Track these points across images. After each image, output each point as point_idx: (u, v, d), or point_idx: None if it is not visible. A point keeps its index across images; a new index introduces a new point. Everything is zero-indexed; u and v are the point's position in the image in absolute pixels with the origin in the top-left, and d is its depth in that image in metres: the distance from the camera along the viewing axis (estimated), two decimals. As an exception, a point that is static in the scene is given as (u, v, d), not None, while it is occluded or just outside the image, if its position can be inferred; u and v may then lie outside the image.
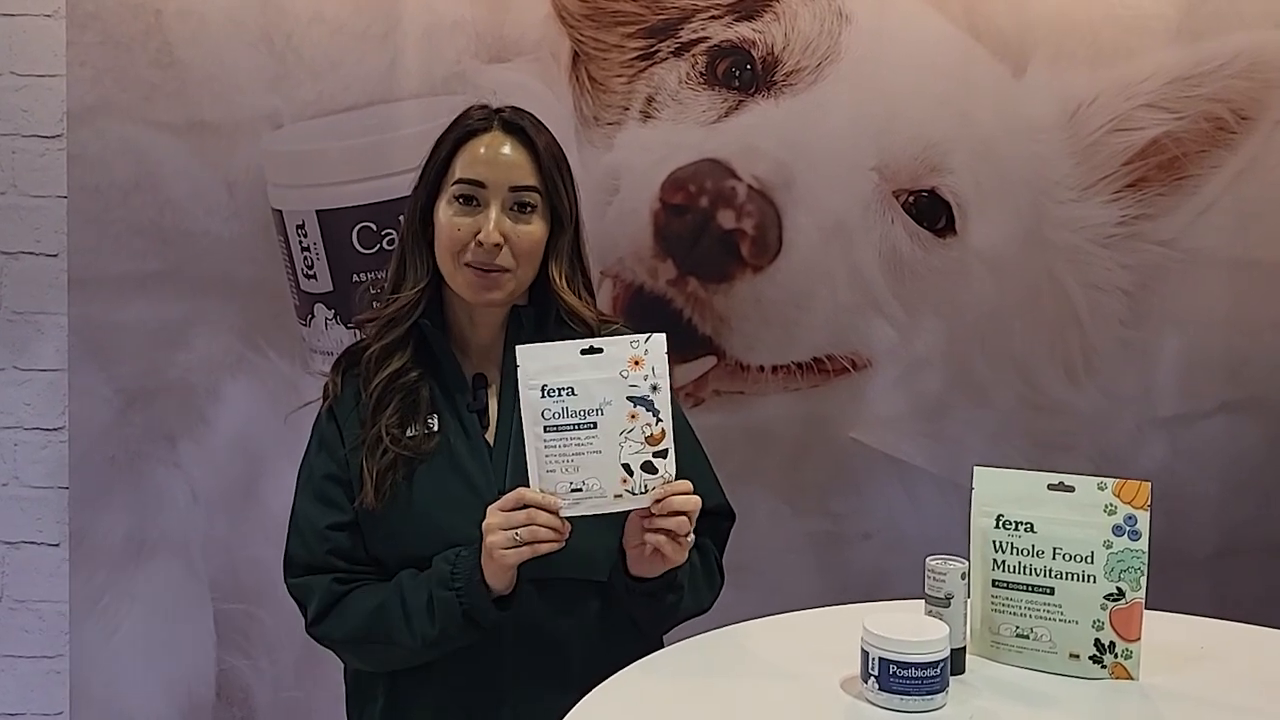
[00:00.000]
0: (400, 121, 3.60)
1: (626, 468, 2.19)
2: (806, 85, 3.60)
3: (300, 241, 3.64)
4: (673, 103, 3.61)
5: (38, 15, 3.72)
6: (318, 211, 3.62)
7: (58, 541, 3.85)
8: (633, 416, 2.19)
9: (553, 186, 2.43)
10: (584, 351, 2.21)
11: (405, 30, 3.59)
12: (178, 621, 3.79)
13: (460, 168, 2.40)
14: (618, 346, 2.21)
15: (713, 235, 3.58)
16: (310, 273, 3.65)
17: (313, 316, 3.68)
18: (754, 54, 3.60)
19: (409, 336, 2.43)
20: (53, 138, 3.75)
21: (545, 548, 2.18)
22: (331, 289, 3.66)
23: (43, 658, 3.90)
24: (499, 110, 2.46)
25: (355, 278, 3.63)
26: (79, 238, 3.67)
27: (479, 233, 2.34)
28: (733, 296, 3.61)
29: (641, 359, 2.20)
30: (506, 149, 2.40)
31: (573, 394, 2.19)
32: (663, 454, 2.20)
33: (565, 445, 2.19)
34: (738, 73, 3.60)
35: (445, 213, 2.39)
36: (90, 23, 3.60)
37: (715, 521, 2.59)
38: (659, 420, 2.20)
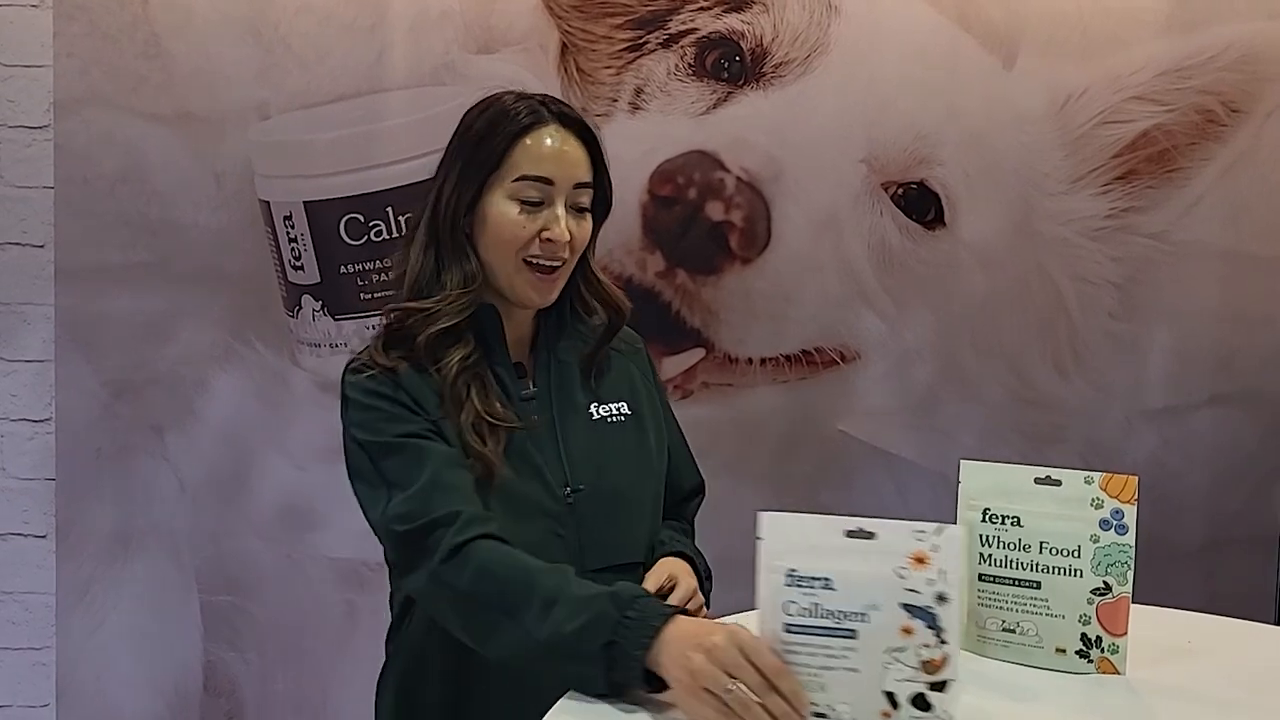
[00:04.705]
0: (388, 113, 3.60)
1: (890, 698, 1.73)
2: (795, 77, 3.60)
3: (287, 233, 3.63)
4: (661, 94, 3.61)
5: (24, 6, 3.71)
6: (305, 203, 3.62)
7: (44, 533, 3.85)
8: (907, 631, 1.72)
9: (603, 180, 2.38)
10: (850, 534, 1.75)
11: (393, 21, 3.59)
12: (164, 613, 3.79)
13: (525, 163, 2.29)
14: (896, 534, 1.74)
15: (701, 227, 3.58)
16: (297, 264, 3.65)
17: (300, 308, 3.68)
18: (743, 46, 3.59)
19: (464, 324, 2.33)
20: (39, 128, 3.74)
21: None
22: (319, 280, 3.65)
23: (29, 649, 3.89)
24: (543, 101, 2.37)
25: (342, 269, 3.63)
26: (66, 229, 3.67)
27: (543, 230, 2.28)
28: (721, 289, 3.61)
29: (927, 556, 1.72)
30: (569, 143, 2.33)
31: (829, 587, 1.74)
32: (940, 687, 1.72)
33: (811, 654, 1.74)
34: (726, 64, 3.60)
35: (506, 209, 2.29)
36: (77, 13, 3.60)
37: (699, 497, 2.64)
38: (942, 642, 1.72)
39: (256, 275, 3.69)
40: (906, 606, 1.71)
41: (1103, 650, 2.09)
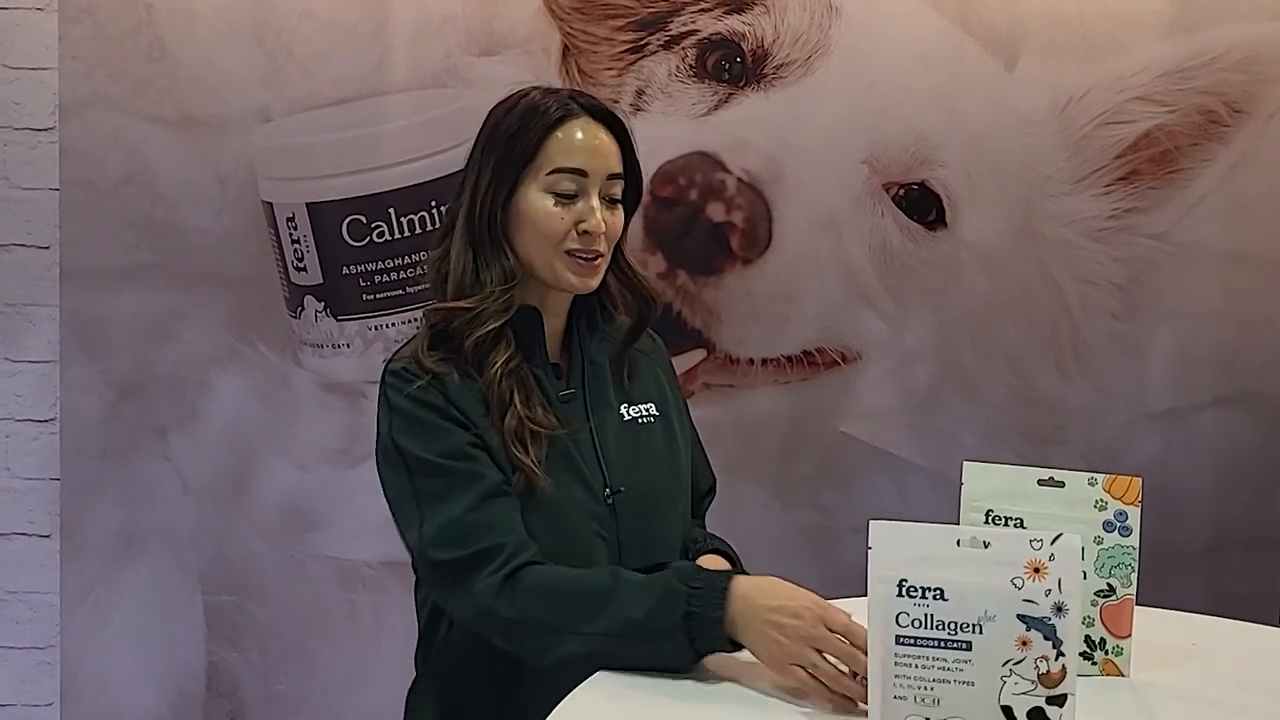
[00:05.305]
0: (389, 115, 3.61)
1: (1008, 712, 1.67)
2: (796, 78, 3.60)
3: (290, 234, 3.64)
4: (662, 96, 3.61)
5: (30, 9, 3.72)
6: (308, 204, 3.62)
7: (49, 533, 3.85)
8: (1024, 643, 1.65)
9: (633, 170, 2.39)
10: (962, 543, 1.70)
11: (395, 26, 3.60)
12: (168, 614, 3.80)
13: (559, 156, 2.29)
14: (1011, 543, 1.69)
15: (702, 228, 3.59)
16: (300, 265, 3.65)
17: (302, 309, 3.68)
18: (744, 47, 3.60)
19: (505, 327, 2.32)
20: (44, 130, 3.75)
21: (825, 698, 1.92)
22: (321, 281, 3.66)
23: (33, 649, 3.90)
24: (571, 95, 2.37)
25: (345, 270, 3.63)
26: (71, 230, 3.67)
27: (581, 222, 2.28)
28: (722, 289, 3.61)
29: (1044, 566, 1.66)
30: (601, 135, 2.33)
31: (942, 598, 1.67)
32: (1059, 701, 1.66)
33: (924, 666, 1.68)
34: (727, 66, 3.60)
35: (541, 202, 2.29)
36: (82, 17, 3.60)
37: (708, 498, 2.66)
38: (1059, 655, 1.66)
39: (259, 277, 3.70)
40: (1023, 618, 1.66)
41: (1107, 652, 2.10)
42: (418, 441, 2.24)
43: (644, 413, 2.43)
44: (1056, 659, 1.65)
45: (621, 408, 2.41)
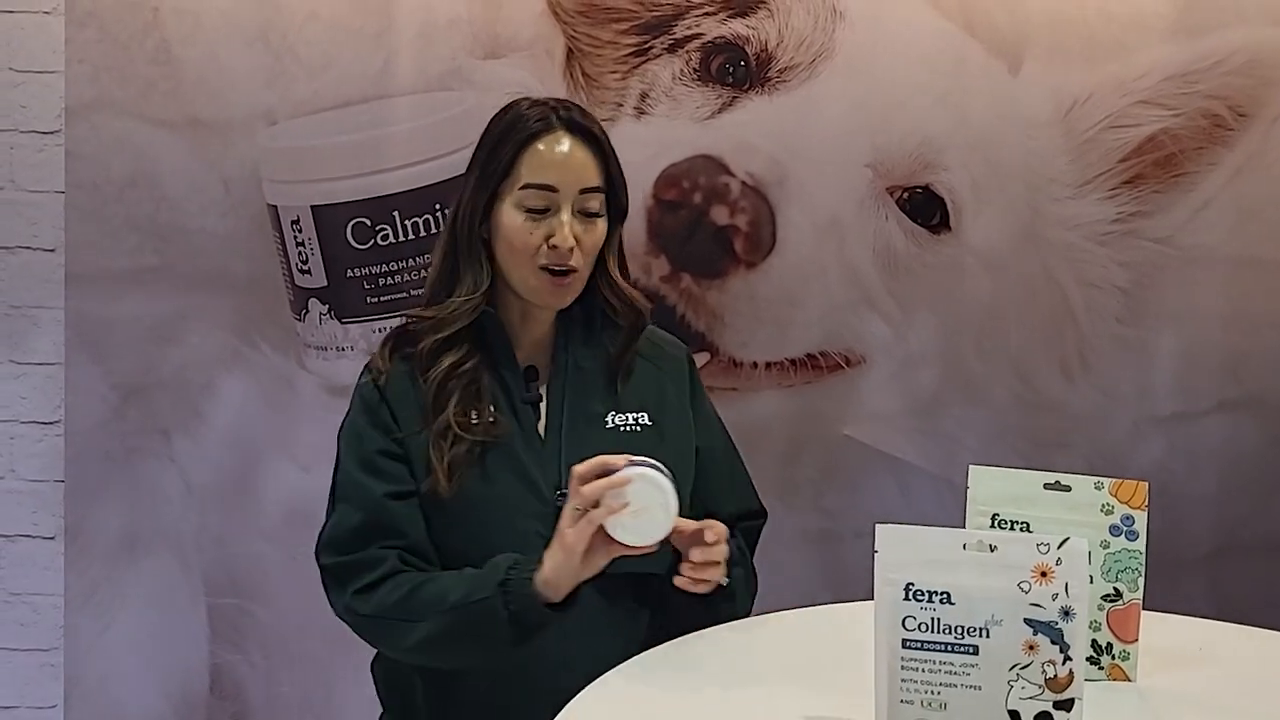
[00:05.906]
0: (394, 118, 3.61)
1: (1015, 717, 1.66)
2: (800, 81, 3.60)
3: (295, 237, 3.64)
4: (666, 99, 3.61)
5: (36, 12, 3.72)
6: (312, 207, 3.62)
7: (53, 535, 3.85)
8: (1031, 647, 1.65)
9: (614, 183, 2.41)
10: (969, 546, 1.70)
11: (400, 28, 3.59)
12: (172, 616, 3.80)
13: (528, 171, 2.34)
14: (1018, 547, 1.68)
15: (706, 231, 3.58)
16: (305, 268, 3.66)
17: (307, 311, 3.68)
18: (748, 50, 3.59)
19: (467, 329, 2.38)
20: (50, 133, 3.75)
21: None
22: (325, 284, 3.66)
23: (37, 650, 3.90)
24: (554, 108, 2.40)
25: (349, 273, 3.63)
26: (76, 233, 3.68)
27: (551, 236, 2.32)
28: (726, 293, 3.61)
29: (1051, 570, 1.66)
30: (575, 150, 2.36)
31: (949, 602, 1.67)
32: (1066, 705, 1.66)
33: (931, 670, 1.68)
34: (731, 69, 3.60)
35: (513, 217, 2.34)
36: (88, 20, 3.61)
37: (753, 522, 2.65)
38: (1067, 659, 1.65)
39: (264, 279, 3.70)
40: (1030, 622, 1.65)
41: (1113, 657, 2.10)
42: (345, 443, 2.44)
43: (630, 420, 2.44)
44: (1063, 663, 1.65)
45: (609, 415, 2.43)
